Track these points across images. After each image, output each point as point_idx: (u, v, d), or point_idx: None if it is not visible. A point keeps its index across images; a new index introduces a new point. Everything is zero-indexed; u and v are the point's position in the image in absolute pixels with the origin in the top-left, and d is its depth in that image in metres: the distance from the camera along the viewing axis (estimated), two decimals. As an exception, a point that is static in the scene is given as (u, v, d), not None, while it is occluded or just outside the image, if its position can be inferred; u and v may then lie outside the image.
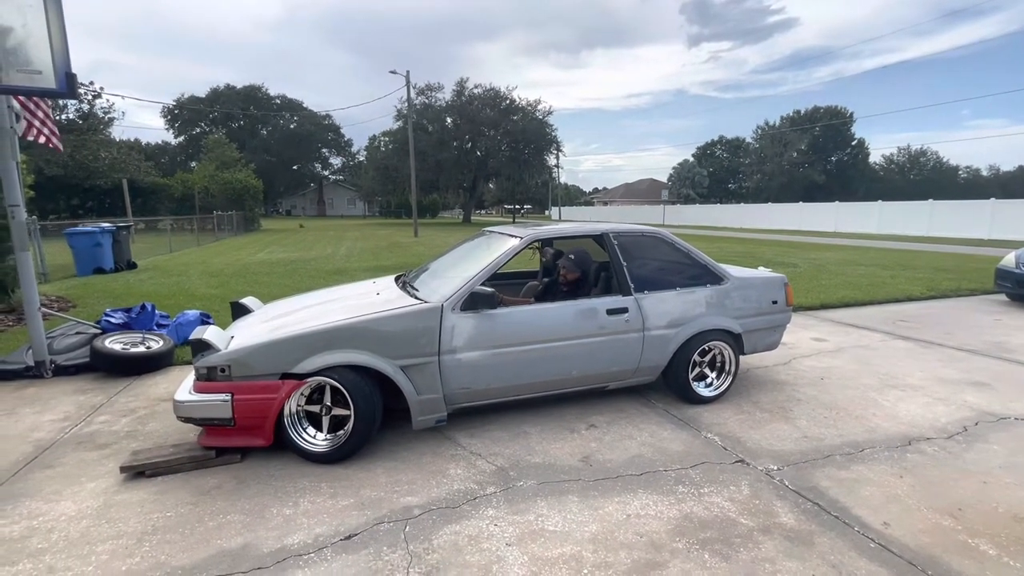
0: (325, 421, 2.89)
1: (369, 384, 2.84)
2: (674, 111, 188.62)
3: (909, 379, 4.19)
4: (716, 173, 59.95)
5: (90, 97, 26.81)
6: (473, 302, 3.06)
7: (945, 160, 58.91)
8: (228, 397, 2.70)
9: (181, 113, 55.84)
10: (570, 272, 3.74)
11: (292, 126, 61.22)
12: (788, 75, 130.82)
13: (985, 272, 9.29)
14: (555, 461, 2.87)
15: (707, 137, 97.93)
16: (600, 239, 3.66)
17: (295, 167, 63.38)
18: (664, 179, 62.41)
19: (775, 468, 2.79)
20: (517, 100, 38.20)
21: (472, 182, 40.63)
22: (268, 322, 3.23)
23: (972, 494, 2.53)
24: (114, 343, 4.43)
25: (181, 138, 58.04)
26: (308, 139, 61.24)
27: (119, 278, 9.55)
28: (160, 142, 57.32)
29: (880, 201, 26.80)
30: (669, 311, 3.57)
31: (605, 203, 63.38)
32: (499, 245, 3.54)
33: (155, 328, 5.18)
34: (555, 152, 41.86)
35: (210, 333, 2.90)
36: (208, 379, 2.74)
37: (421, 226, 29.59)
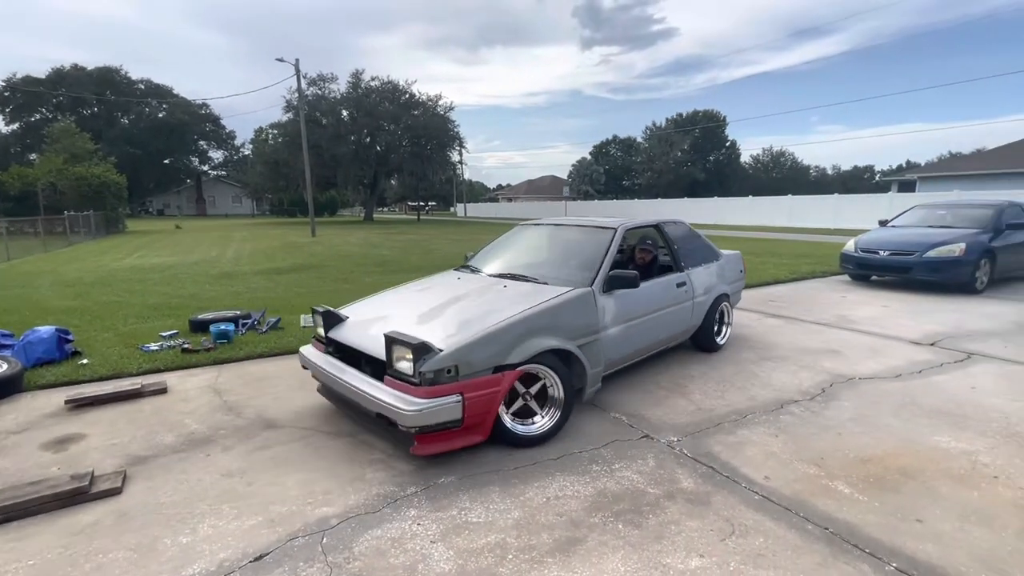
0: (533, 406, 3.06)
1: (563, 365, 3.09)
2: (571, 110, 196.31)
3: (779, 351, 4.80)
4: (612, 171, 63.46)
5: None
6: (612, 284, 3.52)
7: (800, 160, 68.09)
8: (459, 398, 2.63)
9: (14, 96, 47.40)
10: (647, 255, 4.48)
11: (161, 115, 54.59)
12: (671, 80, 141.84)
13: (833, 257, 10.84)
14: (475, 454, 2.89)
15: (602, 136, 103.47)
16: (657, 228, 4.49)
17: (167, 161, 56.64)
18: (565, 176, 64.88)
19: (676, 439, 3.06)
20: (417, 94, 37.41)
21: (373, 178, 39.13)
22: (431, 322, 3.10)
23: (830, 444, 2.97)
24: (-61, 370, 3.68)
25: (15, 126, 49.35)
26: (181, 130, 54.92)
27: (-61, 293, 7.91)
28: (-14, 129, 48.27)
29: (750, 196, 30.16)
30: (703, 282, 4.56)
31: (510, 199, 64.38)
32: (601, 235, 3.99)
33: (-5, 349, 4.38)
34: (458, 148, 41.65)
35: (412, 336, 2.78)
36: (434, 382, 2.63)
37: (319, 225, 27.95)
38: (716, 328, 4.80)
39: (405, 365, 2.69)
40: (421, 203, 56.35)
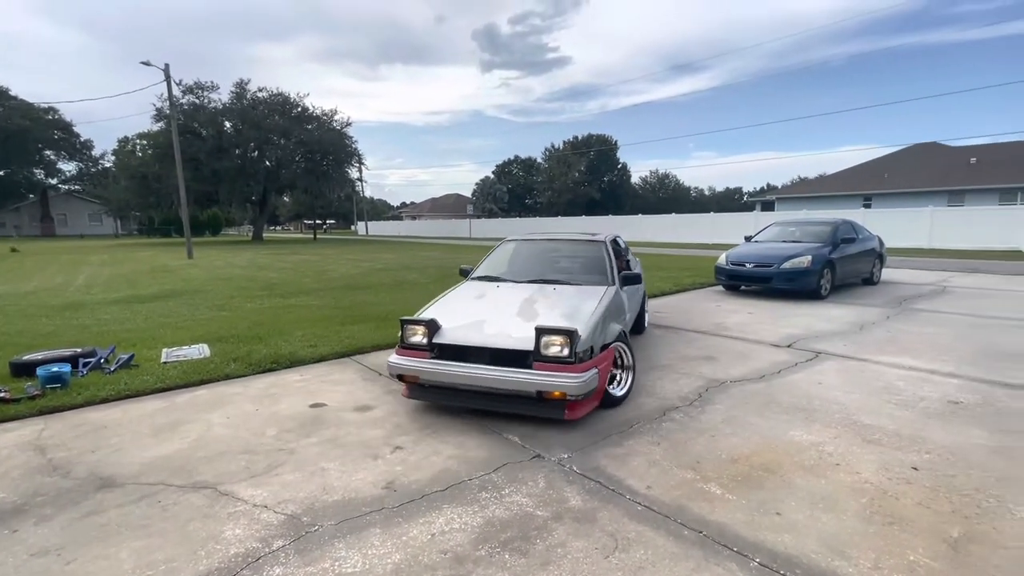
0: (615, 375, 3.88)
1: (627, 341, 4.01)
2: (473, 130, 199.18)
3: (663, 360, 5.08)
4: (514, 189, 65.22)
5: None
6: (624, 282, 4.67)
7: (682, 182, 75.13)
8: (596, 371, 3.35)
9: None
10: (623, 260, 5.43)
11: (-6, 119, 46.42)
12: (567, 105, 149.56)
13: (710, 269, 11.92)
14: (356, 494, 2.66)
15: (504, 156, 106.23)
16: (615, 240, 5.59)
17: (1, 173, 48.19)
18: (469, 194, 65.42)
19: (566, 456, 3.06)
20: (311, 108, 35.75)
21: (262, 195, 36.44)
22: (535, 319, 3.66)
23: (705, 448, 3.15)
24: None
25: None
26: (20, 137, 46.88)
27: None
28: None
29: (640, 215, 32.60)
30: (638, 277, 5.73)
31: (414, 217, 63.45)
32: (596, 247, 5.15)
33: None
34: (357, 165, 40.26)
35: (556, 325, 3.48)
36: (582, 360, 3.29)
37: (199, 246, 25.38)
38: (642, 315, 6.09)
39: (556, 349, 3.28)
40: (318, 221, 53.43)
